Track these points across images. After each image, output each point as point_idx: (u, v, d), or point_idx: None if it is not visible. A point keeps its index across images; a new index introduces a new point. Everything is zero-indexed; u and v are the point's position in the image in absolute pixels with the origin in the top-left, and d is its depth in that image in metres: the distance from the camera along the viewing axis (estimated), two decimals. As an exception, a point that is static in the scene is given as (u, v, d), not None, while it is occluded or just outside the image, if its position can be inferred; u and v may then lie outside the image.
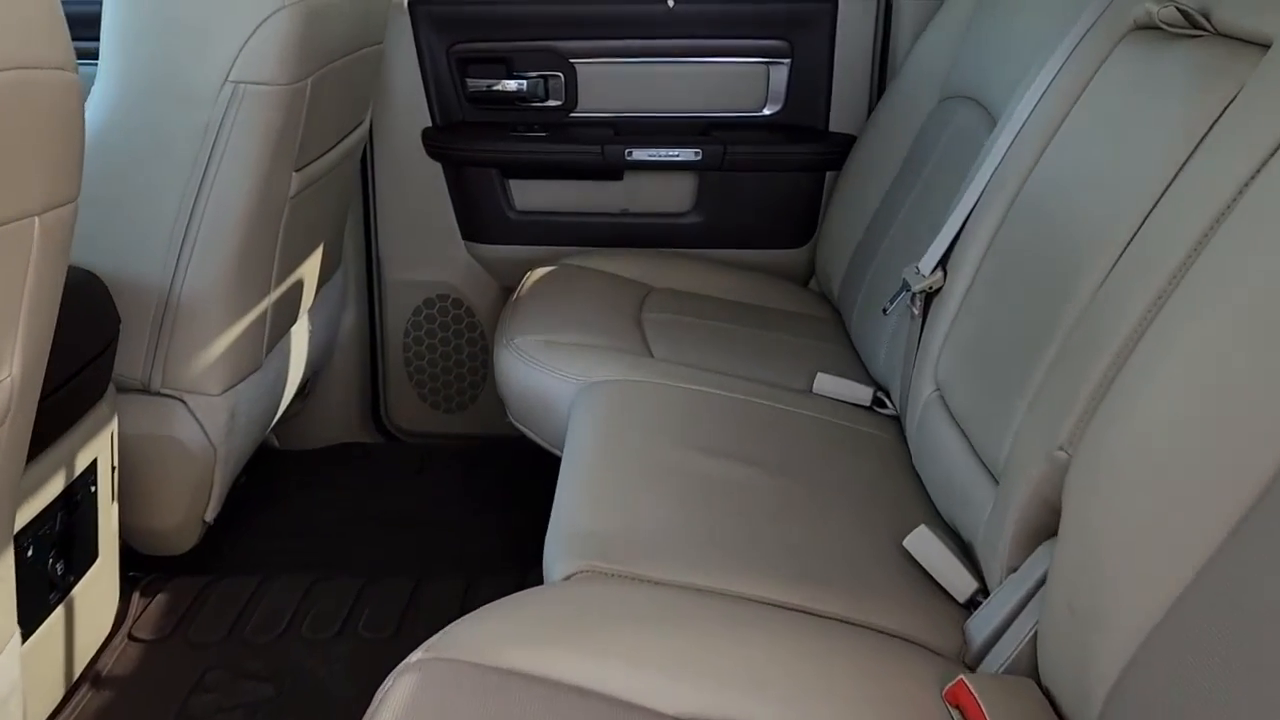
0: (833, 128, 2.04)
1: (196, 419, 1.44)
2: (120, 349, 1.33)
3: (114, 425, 1.33)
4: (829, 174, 2.04)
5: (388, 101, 2.04)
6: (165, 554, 1.55)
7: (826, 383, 1.54)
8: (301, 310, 1.73)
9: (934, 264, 1.34)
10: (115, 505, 1.37)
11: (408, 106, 2.04)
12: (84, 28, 1.09)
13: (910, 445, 1.37)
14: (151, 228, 1.36)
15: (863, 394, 1.53)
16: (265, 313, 1.51)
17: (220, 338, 1.42)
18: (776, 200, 2.06)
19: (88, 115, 0.90)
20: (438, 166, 2.08)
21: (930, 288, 1.33)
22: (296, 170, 1.45)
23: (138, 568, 1.56)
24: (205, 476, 1.49)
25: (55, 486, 1.19)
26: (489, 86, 2.02)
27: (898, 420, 1.49)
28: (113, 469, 1.34)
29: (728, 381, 1.49)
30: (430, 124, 2.05)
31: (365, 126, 1.82)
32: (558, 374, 1.48)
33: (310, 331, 1.83)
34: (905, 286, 1.37)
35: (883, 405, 1.53)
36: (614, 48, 2.02)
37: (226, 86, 1.29)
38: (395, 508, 1.96)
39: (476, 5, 1.99)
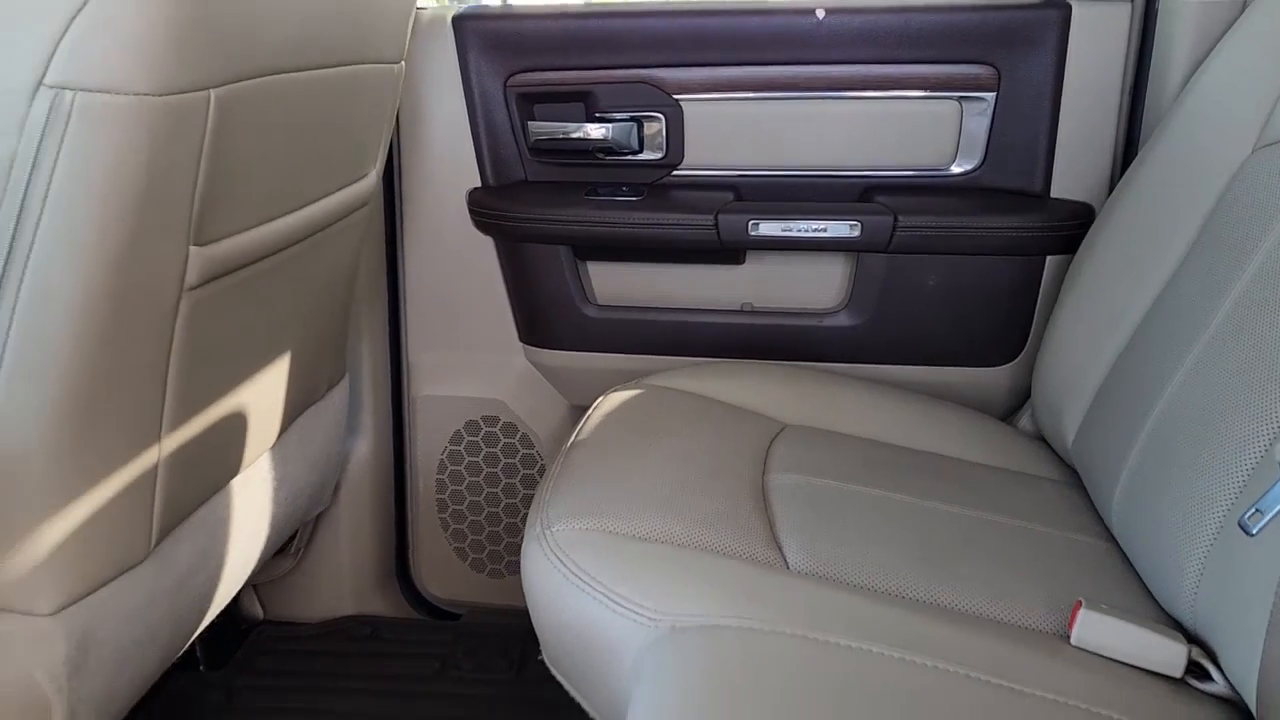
0: (1057, 193, 1.40)
1: (15, 652, 0.86)
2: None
3: None
4: (1050, 259, 1.39)
5: (421, 151, 1.49)
6: None
7: (1094, 626, 0.87)
8: (249, 456, 1.14)
9: (1361, 445, 0.67)
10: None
11: (448, 159, 1.49)
12: None
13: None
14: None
15: (1167, 656, 0.85)
16: (151, 473, 0.93)
17: (46, 524, 0.84)
18: (970, 297, 1.41)
19: None
20: (488, 243, 1.51)
21: (1359, 495, 0.67)
22: (199, 244, 0.88)
23: None
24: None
25: None
26: (562, 134, 1.45)
27: (1234, 705, 0.82)
28: None
29: (920, 631, 0.84)
30: (479, 184, 1.50)
31: (371, 182, 1.26)
32: (617, 607, 0.85)
33: (282, 476, 1.26)
34: (1289, 482, 0.71)
35: (1203, 673, 0.85)
36: (736, 78, 1.42)
37: (42, 94, 0.74)
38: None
39: (545, 20, 1.42)
